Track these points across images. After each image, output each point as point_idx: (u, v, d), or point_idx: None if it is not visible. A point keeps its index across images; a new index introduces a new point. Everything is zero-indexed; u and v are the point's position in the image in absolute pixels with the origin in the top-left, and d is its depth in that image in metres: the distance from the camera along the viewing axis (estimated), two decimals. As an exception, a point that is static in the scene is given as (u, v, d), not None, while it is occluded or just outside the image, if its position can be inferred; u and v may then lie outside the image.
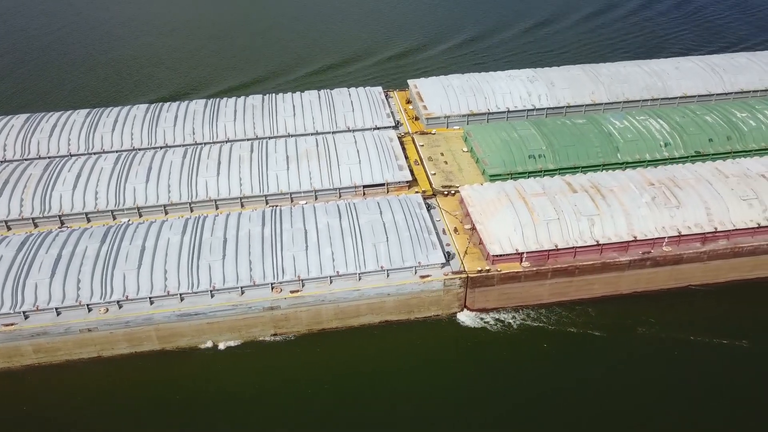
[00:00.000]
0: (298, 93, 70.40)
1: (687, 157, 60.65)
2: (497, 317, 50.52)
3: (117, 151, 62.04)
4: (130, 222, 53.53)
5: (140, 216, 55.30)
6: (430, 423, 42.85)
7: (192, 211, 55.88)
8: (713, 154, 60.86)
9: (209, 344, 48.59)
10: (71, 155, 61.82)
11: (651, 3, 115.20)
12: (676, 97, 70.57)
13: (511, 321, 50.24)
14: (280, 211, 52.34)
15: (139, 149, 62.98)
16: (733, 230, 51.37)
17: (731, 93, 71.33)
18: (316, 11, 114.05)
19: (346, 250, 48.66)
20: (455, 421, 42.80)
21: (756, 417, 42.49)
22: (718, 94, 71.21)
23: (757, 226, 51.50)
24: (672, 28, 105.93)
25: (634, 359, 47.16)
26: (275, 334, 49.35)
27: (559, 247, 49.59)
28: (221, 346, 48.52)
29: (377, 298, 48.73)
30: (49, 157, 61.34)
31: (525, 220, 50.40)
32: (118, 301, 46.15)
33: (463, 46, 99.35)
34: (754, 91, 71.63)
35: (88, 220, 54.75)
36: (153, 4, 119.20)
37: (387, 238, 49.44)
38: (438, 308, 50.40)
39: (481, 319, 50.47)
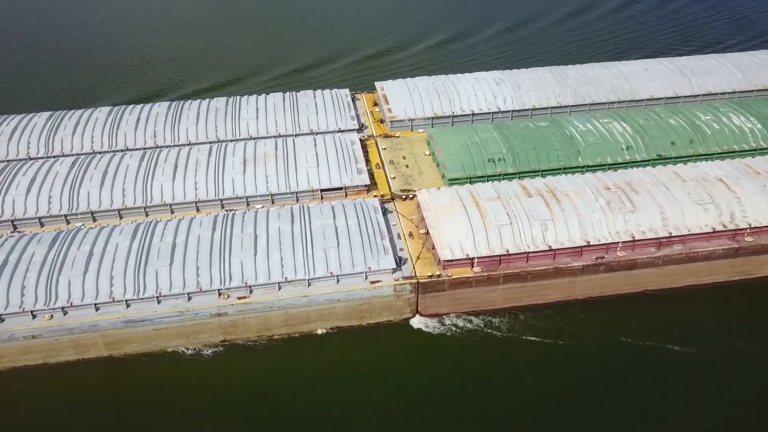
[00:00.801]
0: (263, 95, 69.98)
1: (649, 160, 60.24)
2: (449, 323, 50.17)
3: (76, 155, 61.56)
4: (83, 226, 53.19)
5: (94, 221, 54.83)
6: (378, 429, 42.51)
7: (147, 215, 55.45)
8: (675, 158, 60.47)
9: (158, 350, 48.14)
10: (30, 158, 61.33)
11: (633, 2, 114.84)
12: (642, 100, 70.16)
13: (463, 326, 49.88)
14: (233, 215, 51.92)
15: (99, 152, 62.54)
16: (688, 235, 51.00)
17: (699, 95, 70.93)
18: (307, 9, 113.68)
19: (296, 256, 48.26)
20: (405, 428, 42.44)
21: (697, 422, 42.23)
22: (685, 97, 70.80)
23: (712, 230, 51.16)
24: (655, 27, 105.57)
25: (585, 365, 46.79)
26: (225, 341, 48.95)
27: (510, 252, 49.21)
28: (170, 351, 48.06)
29: (327, 305, 48.35)
30: (8, 160, 60.94)
31: (477, 225, 50.02)
32: (62, 308, 45.71)
33: (444, 46, 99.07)
34: (721, 93, 71.26)
35: (42, 225, 54.32)
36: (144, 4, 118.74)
37: (338, 243, 49.04)
38: (390, 314, 50.04)
39: (433, 324, 50.11)
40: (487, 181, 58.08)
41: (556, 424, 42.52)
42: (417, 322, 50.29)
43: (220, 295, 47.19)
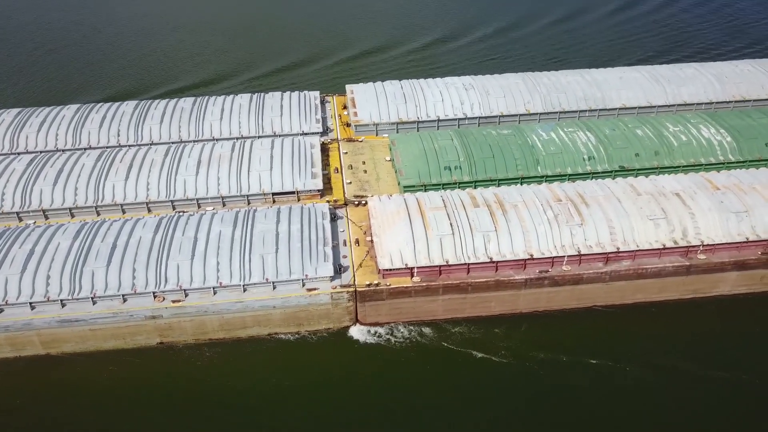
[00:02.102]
0: (230, 96, 69.92)
1: (611, 171, 58.98)
2: (388, 332, 49.61)
3: (38, 152, 62.14)
4: (35, 223, 53.63)
5: (46, 218, 55.23)
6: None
7: (99, 215, 55.70)
8: (638, 170, 59.10)
9: (95, 350, 48.33)
10: (-9, 155, 62.05)
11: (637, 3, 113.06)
12: (615, 108, 68.73)
13: (401, 336, 49.28)
14: (178, 218, 51.88)
15: (63, 150, 63.05)
16: (637, 251, 49.75)
17: (673, 105, 69.31)
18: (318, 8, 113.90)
19: (232, 261, 48.05)
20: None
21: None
22: (659, 106, 69.20)
23: (662, 247, 49.82)
24: (653, 31, 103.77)
25: (522, 380, 45.89)
26: (162, 343, 48.92)
27: (450, 263, 48.46)
28: (106, 351, 48.23)
29: (263, 311, 48.09)
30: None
31: (418, 235, 49.34)
32: (-2, 306, 46.09)
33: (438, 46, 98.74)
34: (697, 104, 69.54)
35: (20, 219, 54.90)
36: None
37: (277, 249, 48.71)
38: (328, 321, 49.60)
39: (372, 333, 49.60)
40: (443, 189, 57.32)
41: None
42: (356, 330, 49.80)
43: (155, 297, 47.15)
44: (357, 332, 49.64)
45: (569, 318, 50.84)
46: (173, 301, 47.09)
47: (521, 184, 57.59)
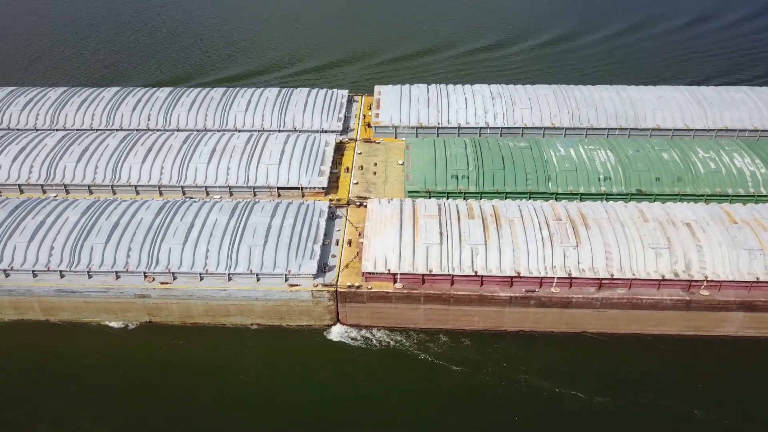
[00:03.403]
0: (260, 89, 71.60)
1: (626, 194, 56.32)
2: (367, 335, 49.51)
3: (74, 130, 65.91)
4: (55, 197, 57.06)
5: (67, 193, 58.52)
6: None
7: (114, 193, 58.47)
8: (657, 195, 56.14)
9: (89, 321, 50.94)
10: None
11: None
12: (648, 129, 65.45)
13: (378, 341, 49.11)
14: (180, 203, 53.76)
15: (97, 129, 66.60)
16: (633, 279, 47.31)
17: (714, 130, 65.23)
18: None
19: (221, 250, 49.30)
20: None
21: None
22: (697, 130, 65.31)
23: (661, 278, 47.15)
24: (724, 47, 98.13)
25: (495, 403, 44.73)
26: (150, 321, 50.89)
27: (434, 273, 47.77)
28: (99, 324, 50.72)
29: (246, 301, 49.09)
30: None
31: (406, 241, 48.94)
32: (4, 270, 49.23)
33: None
34: (740, 130, 65.14)
35: (44, 192, 58.76)
36: None
37: (265, 242, 49.57)
38: (309, 318, 50.05)
39: (351, 335, 49.60)
40: (447, 197, 56.56)
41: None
42: (336, 330, 50.00)
43: (145, 277, 49.07)
44: (336, 332, 49.83)
45: (555, 342, 49.01)
46: (162, 283, 48.85)
47: (529, 200, 55.89)
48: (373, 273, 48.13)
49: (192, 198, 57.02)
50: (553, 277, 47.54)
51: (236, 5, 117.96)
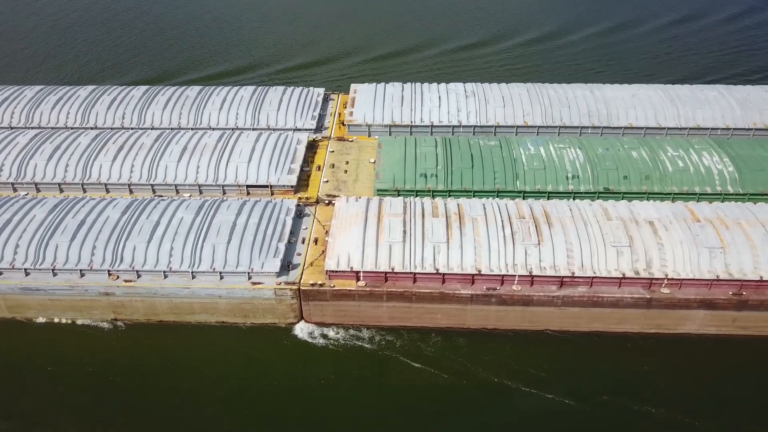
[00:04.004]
0: (235, 87, 71.72)
1: (594, 193, 56.44)
2: (330, 333, 49.69)
3: (49, 129, 66.11)
4: (26, 195, 57.28)
5: (38, 191, 58.72)
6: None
7: (84, 192, 58.63)
8: (625, 193, 56.24)
9: (58, 320, 51.19)
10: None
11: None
12: (620, 127, 65.48)
13: (341, 339, 49.30)
14: (148, 201, 53.96)
15: (72, 128, 66.76)
16: (594, 277, 47.48)
17: (686, 128, 65.26)
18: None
19: (185, 248, 49.51)
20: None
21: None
22: (670, 128, 65.38)
23: (622, 276, 47.31)
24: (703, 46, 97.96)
25: (449, 396, 45.03)
26: (116, 319, 51.12)
27: (396, 271, 47.96)
28: (65, 322, 50.98)
29: (209, 299, 49.31)
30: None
31: (370, 239, 49.14)
32: (-31, 268, 49.53)
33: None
34: (713, 129, 65.17)
35: (14, 190, 58.96)
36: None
37: (229, 240, 49.77)
38: (273, 316, 50.27)
39: (314, 332, 49.86)
40: (416, 195, 56.73)
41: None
42: (300, 328, 50.21)
43: (109, 275, 49.29)
44: (300, 330, 50.04)
45: (517, 339, 49.21)
46: (126, 281, 49.07)
47: (497, 198, 56.03)
48: (336, 271, 48.32)
49: (161, 196, 57.17)
50: (514, 275, 47.73)
51: (227, 3, 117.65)
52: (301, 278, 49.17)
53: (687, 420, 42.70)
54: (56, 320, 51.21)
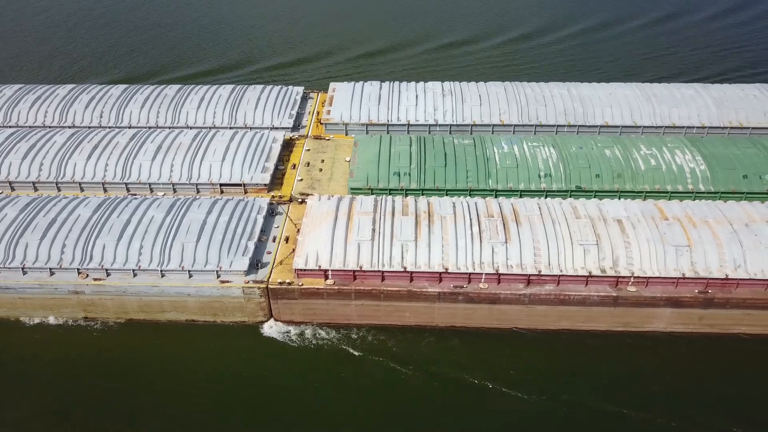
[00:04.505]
0: (214, 86, 71.83)
1: (566, 191, 56.59)
2: (299, 331, 49.88)
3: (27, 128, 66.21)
4: (1, 193, 57.40)
5: (12, 190, 58.82)
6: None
7: (59, 190, 58.73)
8: (597, 191, 56.40)
9: (28, 318, 51.33)
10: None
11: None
12: (596, 126, 65.65)
13: (310, 337, 49.47)
14: (120, 200, 54.11)
15: (50, 127, 66.87)
16: (561, 276, 47.65)
17: (662, 126, 65.43)
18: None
19: (155, 246, 49.65)
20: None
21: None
22: (645, 127, 65.53)
23: (588, 274, 47.48)
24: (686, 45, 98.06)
25: (414, 395, 45.17)
26: (86, 318, 51.27)
27: (364, 269, 48.11)
28: (35, 321, 51.09)
29: (178, 297, 49.45)
30: None
31: (339, 238, 49.29)
32: (-61, 267, 49.64)
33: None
34: (688, 127, 65.34)
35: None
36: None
37: (198, 238, 49.91)
38: (243, 315, 50.42)
39: (283, 331, 50.02)
40: (390, 194, 56.88)
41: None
42: (269, 326, 50.35)
43: (79, 274, 49.43)
44: (269, 328, 50.19)
45: (486, 337, 49.39)
46: (95, 279, 49.21)
47: (469, 196, 56.17)
48: (305, 269, 48.48)
49: (135, 195, 57.30)
50: (481, 273, 47.90)
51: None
52: (269, 277, 49.31)
53: (660, 420, 42.68)
54: (26, 319, 51.13)
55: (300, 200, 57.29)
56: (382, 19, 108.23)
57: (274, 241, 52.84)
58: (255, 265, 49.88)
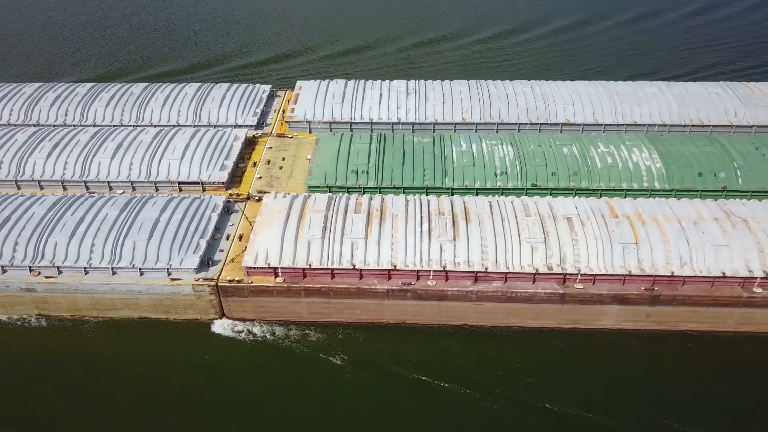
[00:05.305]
0: (180, 84, 72.02)
1: (522, 189, 56.83)
2: (249, 329, 50.14)
3: None
4: (-39, 193, 57.61)
5: (-28, 188, 59.12)
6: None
7: (19, 188, 58.95)
8: (553, 189, 56.66)
9: (-21, 316, 51.67)
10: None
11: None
12: (558, 124, 65.88)
13: (262, 334, 49.76)
14: (76, 198, 54.31)
15: (15, 125, 67.09)
16: (508, 273, 47.91)
17: (623, 124, 65.69)
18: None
19: (106, 244, 49.89)
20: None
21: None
22: (608, 125, 65.78)
23: (535, 271, 47.74)
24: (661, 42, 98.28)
25: (358, 392, 45.45)
26: (40, 315, 51.52)
27: (313, 267, 48.37)
28: (-8, 318, 51.46)
29: (130, 295, 49.71)
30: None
31: (289, 236, 49.54)
32: None
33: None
34: (650, 125, 65.58)
35: None
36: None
37: (150, 236, 50.14)
38: (195, 312, 50.68)
39: (235, 328, 50.29)
40: (348, 192, 57.13)
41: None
42: (220, 324, 50.61)
43: (31, 271, 49.68)
44: (220, 326, 50.45)
45: (435, 334, 49.66)
46: (46, 277, 49.45)
47: (427, 195, 56.40)
48: (254, 267, 48.73)
49: (94, 193, 57.52)
50: (429, 270, 48.15)
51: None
52: (220, 274, 49.57)
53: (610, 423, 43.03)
54: (-22, 316, 51.47)
55: (257, 198, 57.52)
56: (368, 15, 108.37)
57: (228, 239, 53.05)
58: (206, 262, 50.12)
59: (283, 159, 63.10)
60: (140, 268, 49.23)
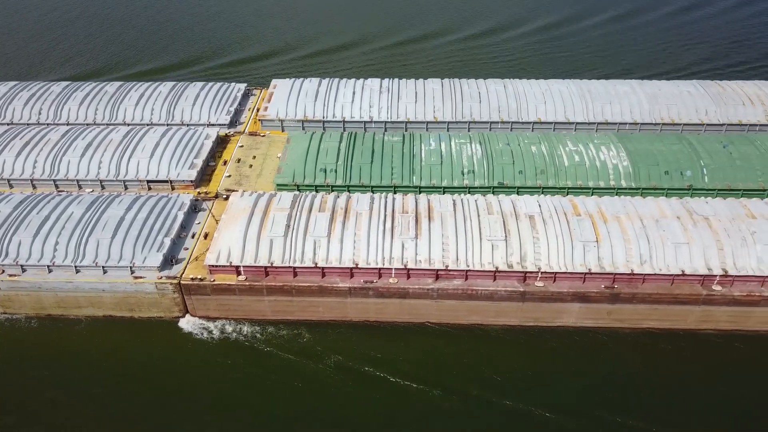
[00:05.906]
0: (155, 83, 72.14)
1: (489, 187, 57.00)
2: (212, 327, 50.36)
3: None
4: (-70, 191, 57.74)
5: (-58, 187, 59.25)
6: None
7: (-12, 187, 59.14)
8: (520, 187, 56.84)
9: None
10: None
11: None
12: (530, 122, 65.99)
13: (225, 332, 49.97)
14: (41, 196, 54.51)
15: (-8, 124, 67.30)
16: (468, 270, 48.12)
17: (594, 123, 65.86)
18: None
19: (70, 242, 50.06)
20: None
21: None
22: (579, 123, 65.95)
23: (495, 269, 47.94)
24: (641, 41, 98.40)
25: (318, 388, 45.69)
26: (4, 313, 51.69)
27: (275, 265, 48.56)
28: (-44, 317, 51.60)
29: (94, 293, 49.89)
30: None
31: (252, 234, 49.71)
32: None
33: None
34: (621, 123, 65.76)
35: None
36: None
37: (114, 235, 50.31)
38: (159, 310, 50.87)
39: (199, 326, 50.50)
40: (316, 190, 57.31)
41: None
42: (184, 322, 50.82)
43: (-6, 269, 49.93)
44: (184, 324, 50.66)
45: (397, 332, 49.87)
46: (10, 275, 49.62)
47: (394, 193, 56.56)
48: (216, 266, 48.91)
49: (63, 192, 57.67)
50: (391, 268, 48.34)
51: None
52: (183, 273, 49.74)
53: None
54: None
55: (225, 196, 57.66)
56: (354, 14, 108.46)
57: (193, 237, 53.22)
58: (170, 261, 50.29)
59: (254, 157, 63.24)
60: (103, 267, 49.40)
